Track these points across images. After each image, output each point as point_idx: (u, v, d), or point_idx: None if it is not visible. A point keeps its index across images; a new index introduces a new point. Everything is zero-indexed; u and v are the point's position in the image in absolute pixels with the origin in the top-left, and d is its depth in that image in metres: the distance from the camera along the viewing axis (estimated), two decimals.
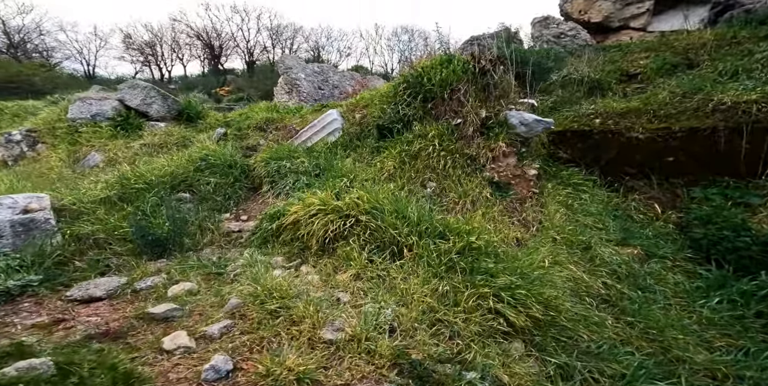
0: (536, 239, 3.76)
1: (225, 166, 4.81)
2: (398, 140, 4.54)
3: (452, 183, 4.12)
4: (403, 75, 4.90)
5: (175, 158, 4.67)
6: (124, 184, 3.86)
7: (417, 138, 4.39)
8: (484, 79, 4.23)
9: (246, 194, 4.80)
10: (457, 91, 4.30)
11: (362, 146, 4.95)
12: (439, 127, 4.33)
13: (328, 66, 14.56)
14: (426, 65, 4.74)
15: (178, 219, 3.70)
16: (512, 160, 4.05)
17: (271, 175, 4.81)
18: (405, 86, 4.75)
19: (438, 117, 4.49)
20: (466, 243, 3.26)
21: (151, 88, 5.78)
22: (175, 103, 5.92)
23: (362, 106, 5.38)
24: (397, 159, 4.34)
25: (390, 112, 4.80)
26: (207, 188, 4.52)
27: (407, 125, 4.64)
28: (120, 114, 5.62)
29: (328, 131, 5.18)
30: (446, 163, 4.19)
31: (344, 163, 4.76)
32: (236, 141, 5.65)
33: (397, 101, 4.79)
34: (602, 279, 3.43)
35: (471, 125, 4.15)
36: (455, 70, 4.36)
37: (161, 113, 5.78)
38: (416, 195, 4.10)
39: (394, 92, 4.93)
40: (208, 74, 23.64)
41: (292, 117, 5.95)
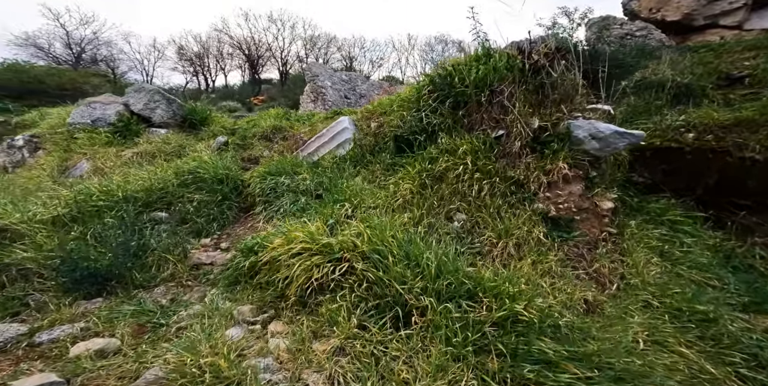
0: (618, 303, 2.50)
1: (214, 181, 4.00)
2: (419, 156, 3.46)
3: (489, 216, 2.96)
4: (429, 75, 3.85)
5: (159, 170, 3.94)
6: (81, 202, 3.12)
7: (443, 154, 3.29)
8: (537, 78, 3.06)
9: (235, 215, 3.94)
10: (498, 94, 3.16)
11: (375, 162, 3.93)
12: (472, 140, 3.20)
13: (356, 74, 13.89)
14: (457, 63, 3.66)
15: (130, 247, 2.89)
16: (577, 188, 2.82)
17: (266, 193, 3.93)
18: (430, 89, 3.69)
19: (472, 127, 3.37)
20: (508, 311, 2.12)
21: (155, 92, 5.24)
22: (180, 108, 5.35)
23: (379, 114, 4.39)
24: (416, 180, 3.25)
25: (411, 121, 3.76)
26: (188, 207, 3.71)
27: (431, 137, 3.56)
28: (122, 119, 5.12)
29: (338, 142, 4.23)
30: (481, 189, 3.04)
31: (351, 183, 3.76)
32: (237, 151, 4.88)
33: (420, 107, 3.73)
34: (737, 369, 2.10)
35: (517, 139, 2.98)
36: (496, 67, 3.23)
37: (164, 119, 5.21)
38: (438, 230, 2.99)
39: (416, 96, 3.89)
40: (246, 84, 24.18)
41: (302, 125, 5.10)
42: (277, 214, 3.72)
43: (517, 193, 2.96)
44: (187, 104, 5.43)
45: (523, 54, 3.19)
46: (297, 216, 3.55)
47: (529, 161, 2.96)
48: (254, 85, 22.36)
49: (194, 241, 3.62)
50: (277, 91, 20.67)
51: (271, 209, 3.80)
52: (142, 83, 5.14)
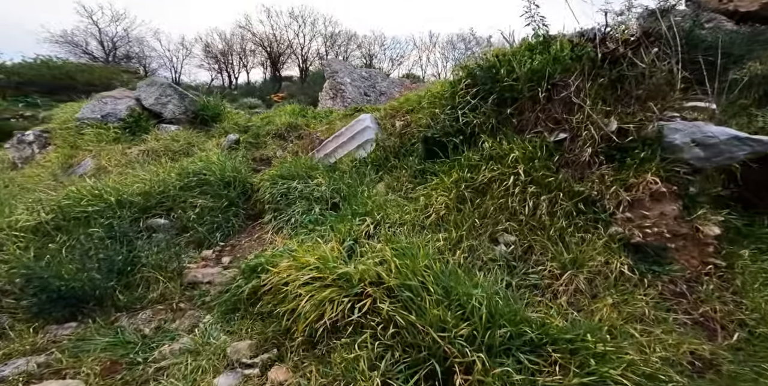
0: (744, 360, 1.81)
1: (221, 184, 3.52)
2: (455, 162, 2.83)
3: (548, 240, 2.31)
4: (467, 67, 3.20)
5: (161, 171, 3.50)
6: (66, 207, 2.70)
7: (486, 161, 2.65)
8: (614, 69, 2.35)
9: (241, 223, 3.46)
10: (561, 89, 2.49)
11: (401, 166, 3.34)
12: (526, 144, 2.54)
13: (376, 71, 13.28)
14: (502, 53, 2.99)
15: (115, 263, 2.44)
16: (671, 208, 2.13)
17: (276, 200, 3.41)
18: (469, 83, 3.04)
19: (522, 128, 2.71)
20: (598, 376, 1.54)
21: (167, 86, 4.85)
22: (192, 103, 4.95)
23: (405, 111, 3.78)
24: (452, 192, 2.64)
25: (444, 120, 3.13)
26: (190, 214, 3.25)
27: (470, 139, 2.92)
28: (132, 114, 4.78)
29: (358, 143, 3.66)
30: (537, 206, 2.39)
31: (373, 192, 3.18)
32: (249, 150, 4.41)
33: (455, 104, 3.10)
34: None
35: (588, 144, 2.31)
36: (559, 57, 2.54)
37: (176, 114, 4.82)
38: (481, 256, 2.37)
39: (451, 91, 3.25)
40: (267, 81, 24.06)
41: (319, 123, 4.56)
42: (288, 225, 3.20)
43: (587, 213, 2.29)
44: (199, 99, 5.01)
45: (594, 41, 2.48)
46: (309, 230, 3.02)
47: (604, 173, 2.28)
48: (275, 82, 22.18)
49: (194, 253, 3.16)
50: (297, 88, 20.38)
51: (282, 218, 3.28)
52: (154, 76, 4.79)
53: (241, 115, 5.68)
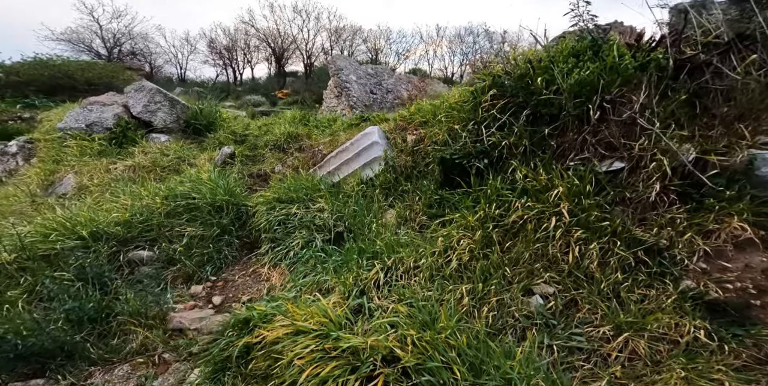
0: None
1: (212, 209, 3.10)
2: (480, 193, 2.35)
3: (597, 296, 1.85)
4: (490, 74, 2.68)
5: (145, 193, 3.08)
6: (30, 246, 2.30)
7: (519, 194, 2.16)
8: (693, 82, 1.83)
9: (235, 254, 3.05)
10: (620, 106, 1.97)
11: (414, 191, 2.86)
12: (569, 176, 2.05)
13: (383, 68, 12.64)
14: (537, 57, 2.47)
15: (86, 312, 2.06)
16: (759, 258, 1.66)
17: (273, 228, 2.99)
18: (495, 94, 2.53)
19: (565, 153, 2.21)
20: None
21: (156, 92, 4.39)
22: (184, 110, 4.49)
23: (418, 123, 3.28)
24: (476, 233, 2.17)
25: (465, 138, 2.63)
26: (176, 245, 2.84)
27: (498, 164, 2.43)
28: (119, 123, 4.35)
29: (364, 161, 3.19)
30: (585, 254, 1.92)
31: (382, 221, 2.74)
32: (245, 164, 3.96)
33: (478, 118, 2.60)
34: None
35: (655, 178, 1.81)
36: (616, 66, 2.02)
37: (167, 123, 4.39)
38: (512, 312, 1.92)
39: (473, 103, 2.74)
40: (272, 77, 23.46)
41: (321, 133, 4.09)
42: (287, 259, 2.78)
43: (651, 264, 1.81)
44: (193, 106, 4.52)
45: (663, 44, 1.95)
46: (310, 266, 2.60)
47: (676, 216, 1.78)
48: (279, 78, 21.60)
49: (182, 288, 2.78)
50: (302, 85, 19.79)
51: (279, 250, 2.86)
52: (142, 81, 4.27)
53: (239, 122, 5.22)
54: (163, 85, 24.98)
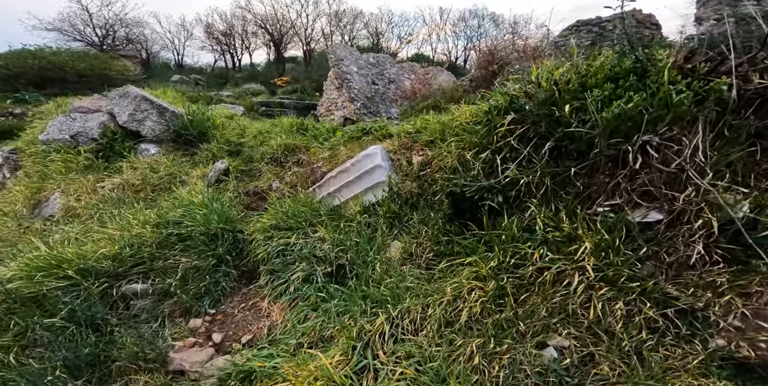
0: None
1: (206, 236, 2.86)
2: (493, 237, 2.07)
3: (617, 355, 1.63)
4: (507, 94, 2.31)
5: (134, 222, 2.82)
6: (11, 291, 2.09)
7: (538, 244, 1.89)
8: (758, 119, 1.49)
9: (234, 285, 2.84)
10: (666, 149, 1.64)
11: (420, 222, 2.59)
12: (597, 226, 1.76)
13: (384, 56, 11.88)
14: (565, 78, 2.09)
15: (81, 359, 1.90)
16: None
17: (272, 258, 2.75)
18: (515, 118, 2.18)
19: (593, 196, 1.91)
20: None
21: (141, 99, 3.98)
22: (174, 118, 4.11)
23: (424, 143, 2.94)
24: (489, 284, 1.92)
25: (477, 167, 2.31)
26: (171, 279, 2.63)
27: (514, 203, 2.13)
28: (106, 133, 4.00)
29: (366, 186, 2.89)
30: (609, 312, 1.68)
31: (386, 256, 2.49)
32: (241, 181, 3.67)
33: (493, 146, 2.26)
34: None
35: (699, 235, 1.53)
36: (668, 99, 1.66)
37: (156, 132, 4.03)
38: (523, 369, 1.71)
39: (486, 127, 2.39)
40: (270, 63, 22.39)
41: (320, 146, 3.74)
42: (287, 294, 2.57)
43: (681, 324, 1.58)
44: (182, 115, 4.10)
45: (722, 67, 1.59)
46: (311, 304, 2.39)
47: (717, 278, 1.52)
48: (278, 64, 20.60)
49: (180, 322, 2.60)
50: (302, 72, 18.89)
51: (279, 284, 2.64)
52: (126, 86, 3.87)
53: (233, 127, 4.83)
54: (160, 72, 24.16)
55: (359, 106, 9.92)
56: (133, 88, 4.24)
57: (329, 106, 11.03)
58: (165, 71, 22.13)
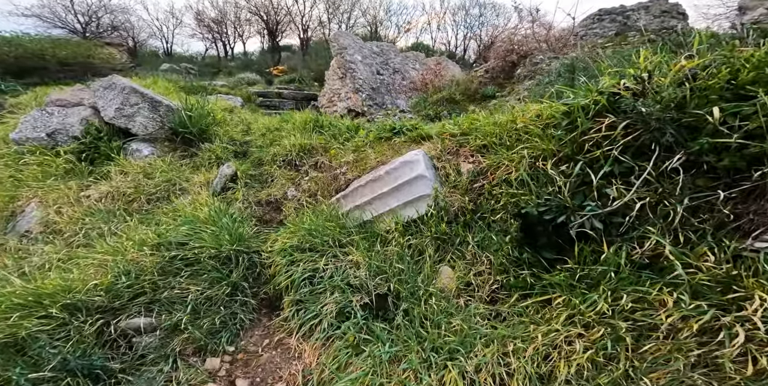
0: None
1: (217, 260, 2.34)
2: (594, 273, 1.60)
3: None
4: (599, 91, 1.79)
5: (129, 244, 2.28)
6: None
7: (668, 289, 1.43)
8: None
9: (252, 317, 2.35)
10: None
11: (479, 247, 2.10)
12: (764, 267, 1.31)
13: (388, 45, 11.10)
14: (710, 72, 1.57)
15: None
16: None
17: (298, 287, 2.26)
18: (615, 122, 1.68)
19: (746, 227, 1.43)
20: None
21: (131, 91, 3.31)
22: (169, 113, 3.46)
23: (475, 148, 2.42)
24: (596, 333, 1.47)
25: (560, 184, 1.82)
26: (179, 313, 2.13)
27: (624, 232, 1.65)
28: (89, 131, 3.35)
29: (406, 199, 2.38)
30: None
31: (437, 286, 2.02)
32: (251, 188, 3.12)
33: (581, 156, 1.77)
34: None
35: None
36: None
37: (149, 130, 3.40)
38: None
39: (570, 132, 1.88)
40: (265, 51, 21.13)
41: (341, 147, 3.19)
42: (319, 331, 2.09)
43: None
44: (182, 107, 3.43)
45: None
46: (350, 344, 1.93)
47: None
48: (273, 53, 19.45)
49: (195, 363, 2.11)
50: (299, 61, 17.85)
51: (308, 317, 2.16)
52: (111, 77, 3.21)
53: (236, 122, 4.21)
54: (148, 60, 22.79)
55: (364, 96, 9.23)
56: (119, 79, 3.56)
57: (331, 96, 10.30)
58: (153, 60, 20.89)
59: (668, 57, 1.76)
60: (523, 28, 6.95)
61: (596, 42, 6.64)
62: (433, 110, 6.27)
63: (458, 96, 6.61)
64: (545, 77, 5.24)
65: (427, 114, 6.24)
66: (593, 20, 7.21)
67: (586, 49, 6.22)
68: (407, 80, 10.36)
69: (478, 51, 19.08)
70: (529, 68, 6.01)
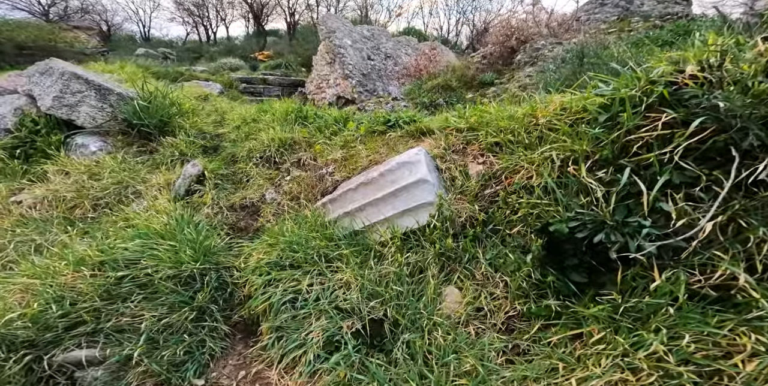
0: None
1: (177, 281, 1.91)
2: (644, 306, 1.27)
3: None
4: (648, 79, 1.40)
5: (61, 265, 1.82)
6: None
7: (747, 324, 1.10)
8: None
9: (225, 345, 1.95)
10: None
11: (491, 265, 1.74)
12: None
13: (380, 29, 10.36)
14: None
15: None
16: None
17: (278, 313, 1.86)
18: (673, 120, 1.30)
19: None
20: None
21: (71, 77, 2.68)
22: (123, 102, 2.87)
23: (485, 146, 2.01)
24: (648, 379, 1.15)
25: (598, 194, 1.45)
26: (133, 338, 1.72)
27: (676, 253, 1.31)
28: (24, 123, 2.75)
29: (404, 207, 1.97)
30: None
31: (442, 311, 1.66)
32: (222, 190, 2.64)
33: (627, 160, 1.40)
34: None
35: None
36: None
37: (98, 121, 2.81)
38: None
39: (607, 127, 1.50)
40: (250, 36, 19.73)
41: (329, 142, 2.74)
42: (304, 363, 1.71)
43: None
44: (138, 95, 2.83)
45: None
46: (340, 382, 1.57)
47: None
48: (258, 38, 18.20)
49: None
50: (285, 46, 16.77)
51: (290, 346, 1.78)
52: (49, 61, 2.60)
53: (209, 112, 3.66)
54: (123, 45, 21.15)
55: (355, 83, 8.60)
56: (58, 62, 2.92)
57: (320, 83, 9.61)
58: (129, 45, 19.37)
59: (737, 38, 1.37)
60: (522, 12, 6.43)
61: (599, 27, 6.21)
62: (428, 98, 5.79)
63: (454, 83, 6.13)
64: (548, 64, 4.82)
65: (422, 102, 5.76)
66: (595, 5, 6.75)
67: (588, 34, 5.80)
68: (399, 66, 9.74)
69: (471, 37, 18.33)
70: (530, 54, 5.55)
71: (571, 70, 3.88)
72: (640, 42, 4.89)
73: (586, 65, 3.80)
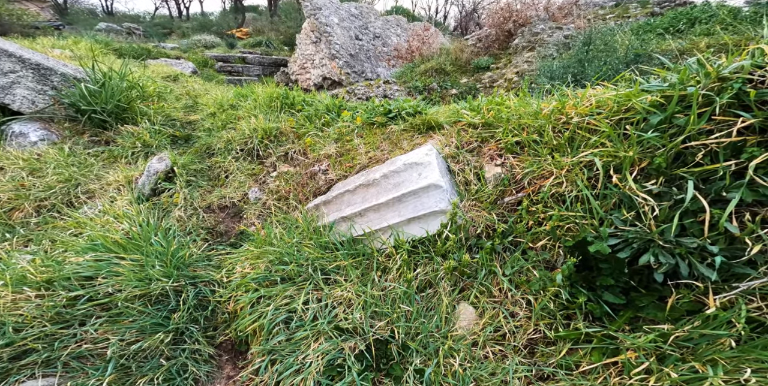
0: None
1: (148, 300, 1.56)
2: (697, 335, 1.08)
3: None
4: (719, 76, 1.13)
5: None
6: None
7: None
8: None
9: (210, 368, 1.66)
10: None
11: (512, 282, 1.51)
12: None
13: (368, 7, 9.49)
14: None
15: None
16: None
17: (269, 333, 1.58)
18: (752, 125, 1.05)
19: None
20: None
21: (1, 53, 2.09)
22: (65, 82, 2.27)
23: (503, 146, 1.72)
24: None
25: (646, 209, 1.21)
26: (100, 365, 1.39)
27: (731, 277, 1.11)
28: None
29: (412, 214, 1.68)
30: None
31: (456, 331, 1.44)
32: (196, 188, 2.23)
33: (686, 171, 1.16)
34: None
35: None
36: None
37: (39, 105, 2.23)
38: None
39: (664, 133, 1.24)
40: (227, 11, 17.75)
41: (321, 134, 2.34)
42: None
43: None
44: (88, 76, 2.25)
45: None
46: None
47: None
48: (237, 14, 16.48)
49: None
50: (266, 23, 15.31)
51: (286, 371, 1.52)
52: None
53: (179, 94, 3.10)
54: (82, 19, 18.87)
55: (342, 64, 7.92)
56: None
57: (304, 63, 8.81)
58: (89, 18, 17.16)
59: None
60: None
61: (597, 12, 5.86)
62: (422, 82, 5.35)
63: (448, 66, 5.69)
64: (549, 49, 4.48)
65: (415, 86, 5.32)
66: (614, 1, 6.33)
67: (587, 19, 5.45)
68: (389, 47, 9.05)
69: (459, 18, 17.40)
70: (528, 38, 5.17)
71: (576, 58, 3.58)
72: (641, 29, 4.62)
73: (592, 52, 3.50)
